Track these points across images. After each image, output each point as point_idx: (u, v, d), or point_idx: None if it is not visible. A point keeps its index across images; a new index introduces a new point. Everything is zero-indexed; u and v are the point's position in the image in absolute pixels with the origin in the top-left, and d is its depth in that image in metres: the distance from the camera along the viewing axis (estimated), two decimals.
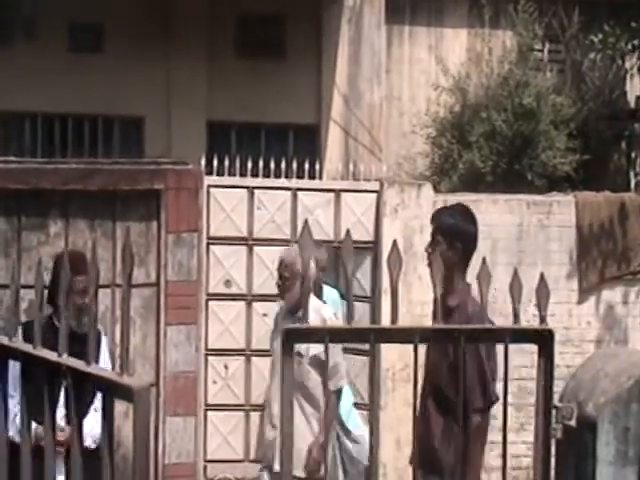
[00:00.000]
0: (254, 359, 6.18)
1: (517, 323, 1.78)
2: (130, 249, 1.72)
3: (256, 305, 6.22)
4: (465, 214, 3.88)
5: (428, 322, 6.14)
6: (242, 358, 6.24)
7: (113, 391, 1.68)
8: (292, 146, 9.00)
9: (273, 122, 8.89)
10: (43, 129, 8.87)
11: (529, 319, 4.94)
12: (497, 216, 6.63)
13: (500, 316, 5.35)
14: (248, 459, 6.16)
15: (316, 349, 4.43)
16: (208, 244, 6.06)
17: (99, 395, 4.65)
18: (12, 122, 8.87)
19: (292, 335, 1.79)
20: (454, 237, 3.69)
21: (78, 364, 1.76)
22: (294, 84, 8.79)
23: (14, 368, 4.70)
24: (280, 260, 4.83)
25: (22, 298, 5.60)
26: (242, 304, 6.24)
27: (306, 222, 1.89)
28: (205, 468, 6.19)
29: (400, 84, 9.15)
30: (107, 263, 5.51)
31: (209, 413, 6.21)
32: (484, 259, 1.90)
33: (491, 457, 6.19)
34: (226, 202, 6.11)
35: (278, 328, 4.67)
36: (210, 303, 6.15)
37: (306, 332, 1.84)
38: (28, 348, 1.91)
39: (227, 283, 6.19)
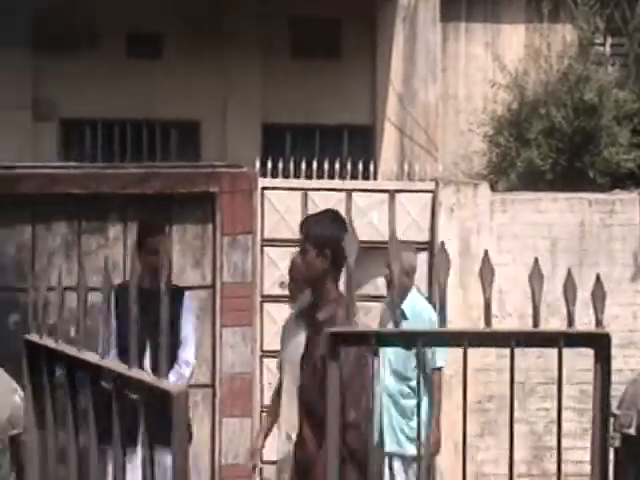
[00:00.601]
0: None
1: (571, 326, 1.71)
2: (169, 256, 1.71)
3: None
4: (334, 220, 3.80)
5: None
6: None
7: (151, 395, 1.67)
8: (347, 147, 8.96)
9: (328, 123, 8.86)
10: (103, 135, 9.01)
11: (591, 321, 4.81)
12: (557, 215, 6.49)
13: (562, 318, 5.24)
14: None
15: None
16: (262, 246, 6.07)
17: (182, 354, 4.77)
18: (73, 129, 9.02)
19: (338, 339, 1.74)
20: (323, 244, 3.60)
21: (120, 368, 1.76)
22: (348, 84, 8.75)
23: (110, 321, 4.88)
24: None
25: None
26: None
27: (350, 223, 1.85)
28: (261, 470, 6.19)
29: (456, 82, 9.04)
30: None
31: (265, 415, 6.20)
32: (536, 259, 1.85)
33: (552, 463, 6.08)
34: (280, 204, 6.11)
35: (288, 336, 4.15)
36: (265, 305, 6.15)
37: (353, 335, 1.79)
38: (72, 351, 1.92)
39: (282, 284, 6.18)
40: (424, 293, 5.78)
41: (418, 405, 2.12)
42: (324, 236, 3.56)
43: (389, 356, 5.11)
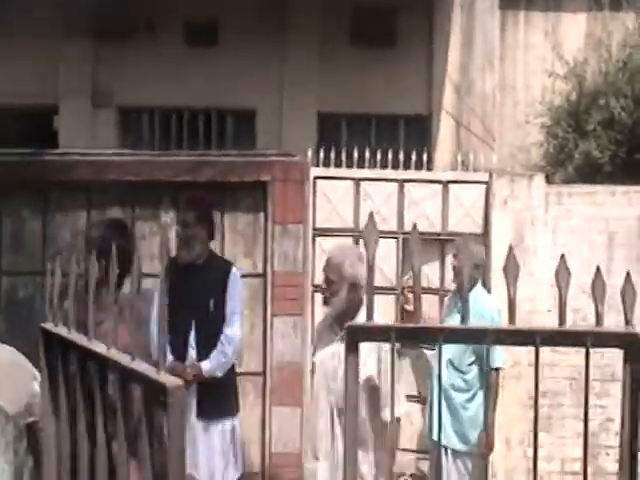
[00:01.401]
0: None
1: (600, 325, 1.66)
2: (167, 244, 1.72)
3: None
4: (115, 228, 3.74)
5: (539, 319, 5.92)
6: None
7: (149, 387, 1.67)
8: (403, 137, 8.89)
9: (384, 113, 8.80)
10: (160, 123, 9.09)
11: None
12: (615, 209, 6.33)
13: (619, 314, 5.12)
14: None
15: (370, 369, 3.75)
16: (314, 236, 6.05)
17: (227, 330, 4.79)
18: (131, 116, 9.13)
19: (356, 333, 1.72)
20: (101, 252, 3.56)
21: (123, 359, 1.76)
22: (405, 74, 8.68)
23: (161, 296, 4.97)
24: (327, 259, 4.08)
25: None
26: None
27: (371, 214, 1.82)
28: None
29: (514, 72, 8.88)
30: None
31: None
32: (563, 255, 1.80)
33: (607, 461, 5.96)
34: (332, 193, 6.08)
35: (322, 340, 4.00)
36: (316, 295, 6.14)
37: (371, 329, 1.77)
38: (82, 341, 1.92)
39: None
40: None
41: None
42: (103, 244, 3.54)
43: (445, 345, 5.01)
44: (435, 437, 5.18)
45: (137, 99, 8.81)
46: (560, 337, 1.76)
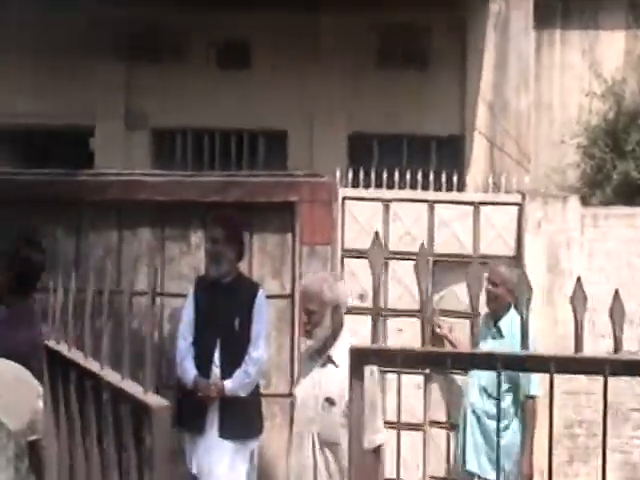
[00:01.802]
0: (388, 375, 6.03)
1: (618, 352, 1.57)
2: (154, 266, 1.69)
3: (390, 320, 6.07)
4: (23, 239, 3.78)
5: (572, 343, 5.78)
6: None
7: (136, 407, 1.62)
8: (435, 158, 8.82)
9: (416, 133, 8.74)
10: (193, 144, 9.14)
11: None
12: None
13: None
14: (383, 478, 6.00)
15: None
16: (343, 256, 5.98)
17: (252, 351, 4.79)
18: (164, 138, 9.19)
19: (360, 355, 1.66)
20: (12, 262, 3.60)
21: (114, 378, 1.72)
22: (437, 94, 8.61)
23: (189, 312, 5.03)
24: (303, 290, 3.88)
25: (164, 305, 5.87)
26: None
27: (376, 234, 1.76)
28: None
29: (550, 91, 8.76)
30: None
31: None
32: (579, 278, 1.71)
33: None
34: (361, 214, 6.01)
35: (303, 372, 3.86)
36: (344, 316, 6.06)
37: (376, 352, 1.70)
38: (80, 359, 1.89)
39: (361, 297, 6.09)
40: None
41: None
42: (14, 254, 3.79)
43: (477, 371, 4.93)
44: (468, 466, 5.07)
45: (170, 121, 8.88)
46: (575, 364, 1.67)
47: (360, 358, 1.66)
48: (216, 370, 4.79)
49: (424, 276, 1.75)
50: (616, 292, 1.67)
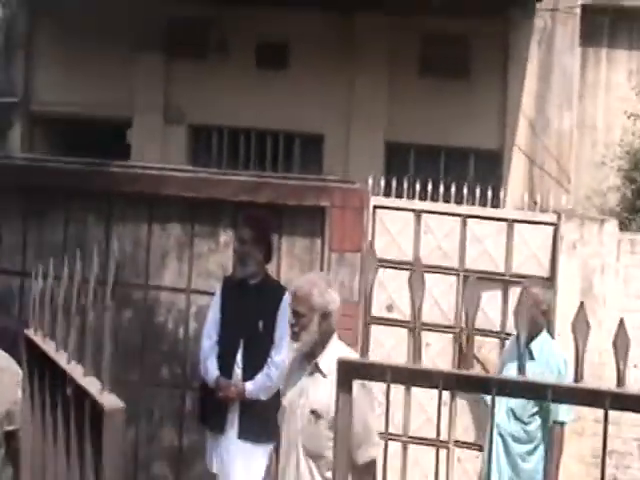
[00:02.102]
0: (414, 389, 5.93)
1: (621, 385, 1.48)
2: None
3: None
4: None
5: (609, 372, 5.63)
6: (402, 387, 5.99)
7: (92, 406, 1.56)
8: (472, 171, 8.69)
9: (454, 145, 8.63)
10: (228, 142, 9.11)
11: None
12: None
13: None
14: None
15: None
16: None
17: (274, 355, 4.77)
18: (201, 135, 9.18)
19: (348, 369, 1.58)
20: None
21: (77, 373, 1.66)
22: (477, 106, 8.49)
23: (215, 312, 5.00)
24: (293, 291, 3.72)
25: (191, 302, 5.84)
26: (404, 331, 6.01)
27: (370, 243, 1.68)
28: None
29: (594, 111, 8.60)
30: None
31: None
32: (582, 303, 1.63)
33: None
34: (392, 224, 5.92)
35: (291, 379, 3.70)
36: (371, 327, 5.98)
37: (364, 366, 1.63)
38: (51, 351, 1.83)
39: (389, 307, 6.00)
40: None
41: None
42: None
43: None
44: None
45: (207, 118, 8.87)
46: (574, 395, 1.58)
47: (348, 372, 1.59)
48: (238, 371, 4.78)
49: (418, 289, 1.67)
50: (621, 321, 1.58)
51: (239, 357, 4.77)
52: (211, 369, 4.80)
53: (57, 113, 9.10)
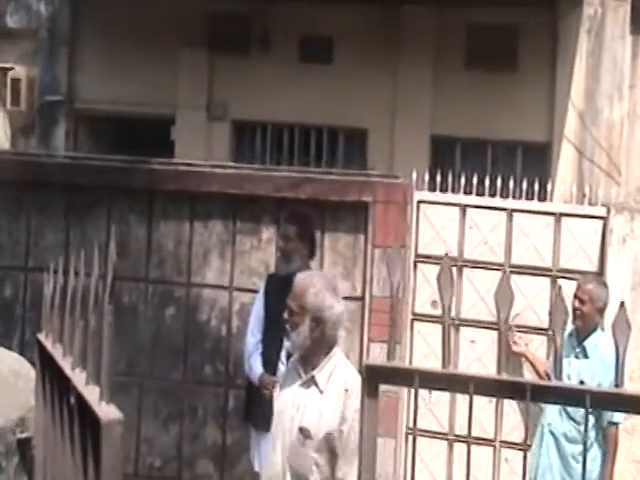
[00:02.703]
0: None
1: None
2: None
3: (464, 330, 5.86)
4: None
5: None
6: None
7: (90, 417, 1.49)
8: (520, 165, 8.52)
9: (501, 139, 8.46)
10: (272, 138, 9.07)
11: None
12: None
13: None
14: None
15: (330, 427, 3.13)
16: (416, 262, 5.80)
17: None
18: (244, 130, 9.16)
19: (374, 374, 1.50)
20: None
21: (79, 381, 1.59)
22: (525, 98, 8.31)
23: (258, 310, 5.02)
24: (293, 284, 3.46)
25: (233, 299, 5.82)
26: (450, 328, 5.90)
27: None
28: None
29: None
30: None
31: (411, 438, 5.94)
32: (622, 303, 1.53)
33: None
34: (437, 219, 5.82)
35: (285, 383, 3.44)
36: (415, 323, 5.89)
37: (391, 371, 1.55)
38: (58, 357, 1.77)
39: (434, 304, 5.89)
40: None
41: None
42: None
43: None
44: None
45: (251, 113, 8.84)
46: (613, 401, 1.48)
47: (374, 377, 1.51)
48: (282, 368, 4.76)
49: (447, 286, 1.59)
50: (622, 304, 1.48)
51: (283, 354, 4.76)
52: (255, 367, 4.80)
53: (101, 111, 9.15)
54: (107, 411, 1.43)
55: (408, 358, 5.83)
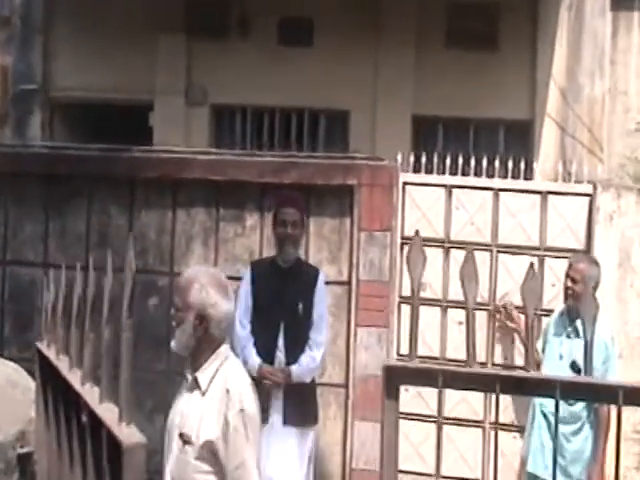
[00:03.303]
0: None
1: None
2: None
3: (452, 312, 5.83)
4: None
5: None
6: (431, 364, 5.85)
7: (109, 438, 1.39)
8: (503, 143, 8.49)
9: (483, 117, 8.41)
10: (252, 122, 8.97)
11: None
12: None
13: None
14: (439, 475, 5.79)
15: (211, 432, 2.87)
16: (402, 244, 5.75)
17: (315, 335, 4.69)
18: (224, 115, 9.05)
19: (394, 374, 1.44)
20: None
21: (92, 398, 1.50)
22: (506, 77, 8.26)
23: (246, 298, 4.96)
24: (177, 279, 3.26)
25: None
26: (437, 310, 5.88)
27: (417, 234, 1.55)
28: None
29: (626, 77, 8.32)
30: None
31: (400, 422, 5.91)
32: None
33: None
34: (422, 201, 5.77)
35: (181, 388, 3.18)
36: (403, 306, 5.86)
37: (415, 372, 1.48)
38: (64, 368, 1.69)
39: (422, 286, 5.86)
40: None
41: None
42: None
43: (548, 370, 4.67)
44: (531, 469, 4.83)
45: (231, 97, 8.73)
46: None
47: (394, 378, 1.44)
48: (280, 355, 4.73)
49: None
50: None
51: (280, 341, 4.70)
52: (251, 358, 4.70)
53: (77, 98, 9.01)
54: (129, 434, 1.33)
55: (396, 340, 5.80)
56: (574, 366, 4.67)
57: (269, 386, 4.64)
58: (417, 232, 1.64)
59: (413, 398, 5.76)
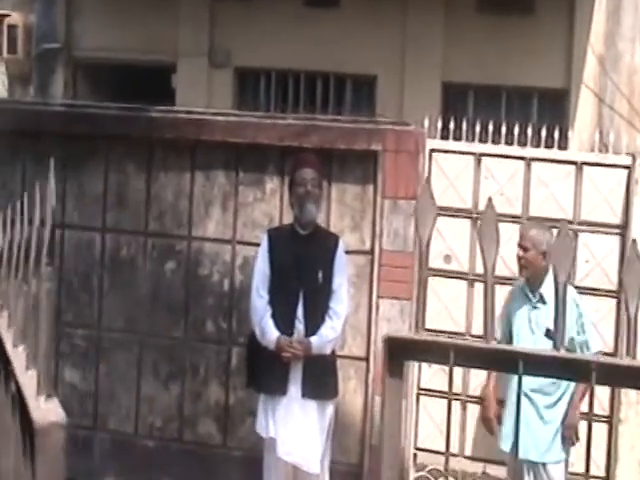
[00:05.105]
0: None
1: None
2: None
3: (479, 286, 5.61)
4: None
5: None
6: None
7: (25, 417, 1.18)
8: (536, 112, 8.20)
9: (516, 85, 8.13)
10: (277, 85, 8.77)
11: None
12: None
13: None
14: (463, 454, 5.60)
15: None
16: None
17: (334, 305, 4.47)
18: (248, 77, 8.86)
19: (398, 348, 1.23)
20: None
21: (19, 364, 1.29)
22: (541, 43, 7.96)
23: (264, 267, 4.75)
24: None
25: (236, 253, 5.58)
26: (463, 283, 5.66)
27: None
28: (415, 456, 5.74)
29: None
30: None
31: (422, 398, 5.73)
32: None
33: None
34: (450, 169, 5.53)
35: None
36: (429, 279, 5.65)
37: (420, 345, 1.26)
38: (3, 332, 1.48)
39: (446, 258, 5.64)
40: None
41: None
42: None
43: (525, 344, 4.49)
44: (504, 447, 4.68)
45: (255, 60, 8.54)
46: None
47: (398, 352, 1.22)
48: (300, 326, 4.55)
49: (491, 242, 1.31)
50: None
51: (300, 311, 4.53)
52: (269, 330, 4.52)
53: (100, 59, 8.87)
54: (46, 411, 1.11)
55: (420, 314, 5.59)
56: (549, 334, 4.51)
57: (288, 358, 4.46)
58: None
59: (437, 373, 5.57)
